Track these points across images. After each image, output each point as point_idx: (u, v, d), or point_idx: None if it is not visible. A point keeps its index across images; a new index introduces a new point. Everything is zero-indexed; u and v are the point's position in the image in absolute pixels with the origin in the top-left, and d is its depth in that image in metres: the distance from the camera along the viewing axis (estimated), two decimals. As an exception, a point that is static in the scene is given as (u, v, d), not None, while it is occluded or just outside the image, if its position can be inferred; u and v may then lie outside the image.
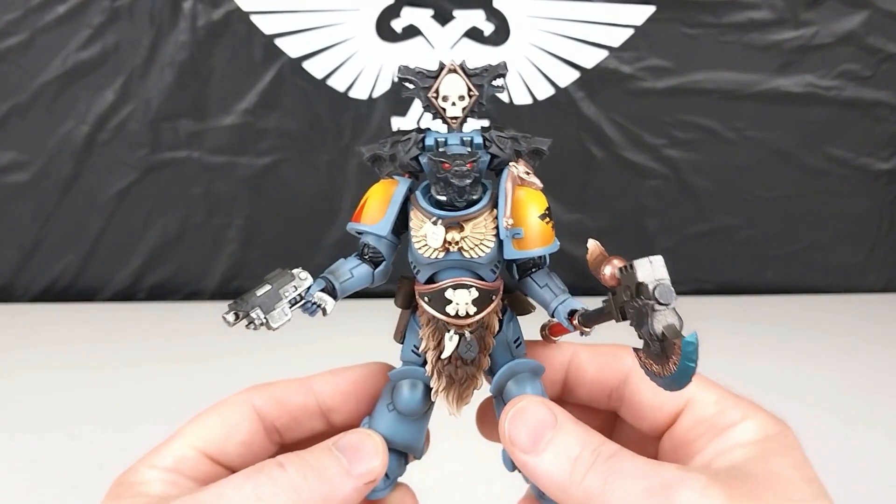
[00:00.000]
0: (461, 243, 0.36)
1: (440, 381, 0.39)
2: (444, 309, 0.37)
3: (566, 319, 0.38)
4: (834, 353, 1.05)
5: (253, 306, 0.34)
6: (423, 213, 0.37)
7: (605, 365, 0.40)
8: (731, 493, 0.30)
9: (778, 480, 0.31)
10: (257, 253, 1.24)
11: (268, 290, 0.35)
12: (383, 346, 0.43)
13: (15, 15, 1.11)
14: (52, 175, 1.18)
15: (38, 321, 1.15)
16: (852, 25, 1.15)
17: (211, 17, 1.12)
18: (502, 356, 0.39)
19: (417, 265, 0.38)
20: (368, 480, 0.35)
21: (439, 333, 0.38)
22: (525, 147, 0.38)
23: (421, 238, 0.37)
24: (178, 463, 0.36)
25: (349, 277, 0.38)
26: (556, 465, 0.33)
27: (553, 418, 0.34)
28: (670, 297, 0.31)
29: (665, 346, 0.31)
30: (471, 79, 0.38)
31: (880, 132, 1.21)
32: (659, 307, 0.31)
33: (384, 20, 1.12)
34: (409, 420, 0.39)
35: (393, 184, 0.39)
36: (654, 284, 0.32)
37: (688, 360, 0.31)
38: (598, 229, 1.19)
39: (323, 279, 0.38)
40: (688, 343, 0.31)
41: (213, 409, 0.39)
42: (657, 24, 1.13)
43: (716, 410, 0.36)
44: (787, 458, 0.33)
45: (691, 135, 1.20)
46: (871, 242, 1.27)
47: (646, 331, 0.32)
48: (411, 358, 0.40)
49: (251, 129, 1.17)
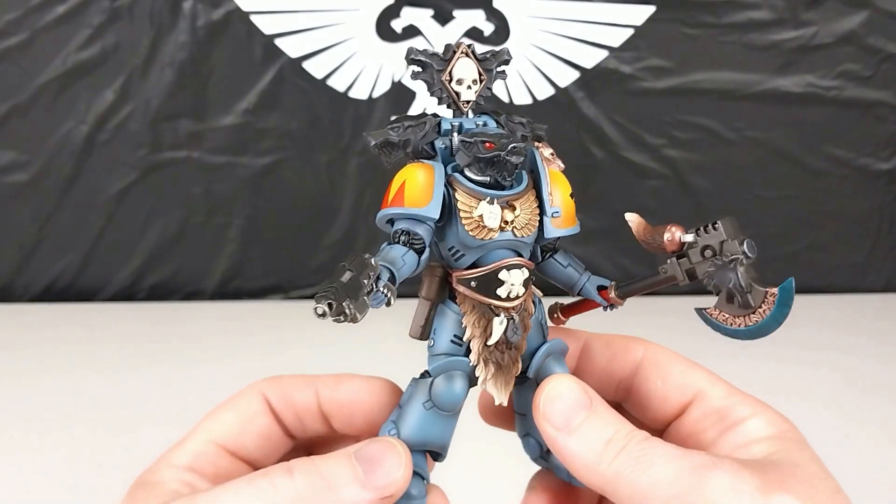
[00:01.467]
0: (514, 222, 0.36)
1: (488, 369, 0.37)
2: (496, 292, 0.37)
3: (597, 295, 0.39)
4: (834, 352, 1.05)
5: (343, 297, 0.31)
6: (472, 193, 0.36)
7: (616, 356, 0.40)
8: (763, 479, 0.30)
9: (803, 472, 0.32)
10: (257, 253, 1.24)
11: (351, 277, 0.32)
12: (383, 346, 0.43)
13: (15, 15, 1.11)
14: (52, 175, 1.18)
15: (38, 321, 1.15)
16: (852, 25, 1.15)
17: (211, 17, 1.12)
18: (535, 338, 0.39)
19: (463, 249, 0.37)
20: (386, 495, 0.33)
21: (485, 319, 0.37)
22: (530, 132, 0.38)
23: (475, 220, 0.36)
24: (196, 459, 0.36)
25: (403, 265, 0.36)
26: (587, 445, 0.33)
27: (589, 400, 0.35)
28: (755, 250, 0.34)
29: (754, 295, 0.34)
30: (480, 63, 0.38)
31: (880, 132, 1.21)
32: (747, 260, 0.34)
33: (384, 20, 1.12)
34: (445, 417, 0.38)
35: (426, 167, 0.37)
36: (742, 239, 0.34)
37: (784, 305, 0.34)
38: (598, 229, 1.19)
39: (385, 268, 0.35)
40: (785, 289, 0.33)
41: (229, 402, 0.38)
42: (657, 24, 1.13)
43: (725, 404, 0.37)
44: (805, 452, 0.33)
45: (691, 135, 1.20)
46: (871, 242, 1.27)
47: (734, 285, 0.34)
48: (450, 349, 0.38)
49: (251, 129, 1.17)
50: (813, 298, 1.24)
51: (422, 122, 0.37)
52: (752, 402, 0.36)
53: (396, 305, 0.38)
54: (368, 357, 0.42)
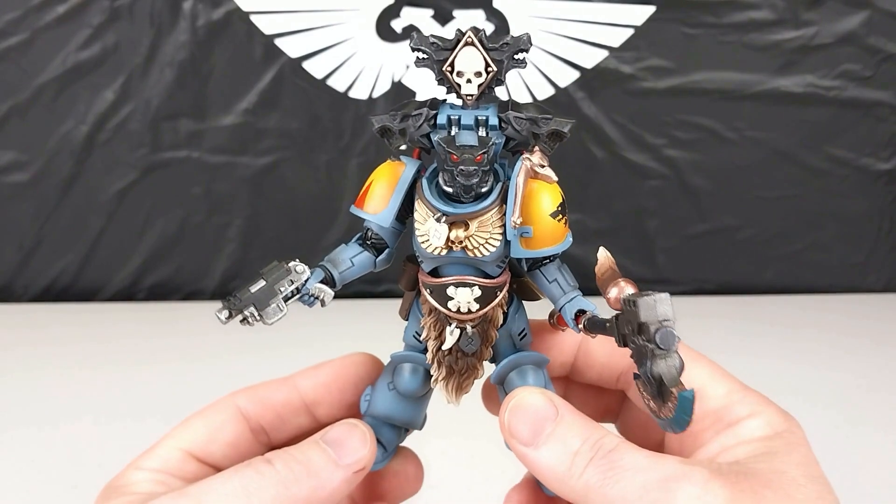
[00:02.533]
0: (465, 242, 0.35)
1: (440, 371, 0.38)
2: (446, 304, 0.36)
3: (572, 320, 0.37)
4: (834, 353, 1.05)
5: (246, 303, 0.34)
6: (427, 206, 0.35)
7: (615, 349, 0.40)
8: (733, 489, 0.30)
9: (781, 479, 0.31)
10: (257, 253, 1.24)
11: (262, 285, 0.35)
12: (382, 346, 0.43)
13: (15, 15, 1.11)
14: (52, 175, 1.18)
15: (38, 321, 1.15)
16: (852, 25, 1.15)
17: (211, 17, 1.12)
18: (506, 347, 0.39)
19: (421, 256, 0.37)
20: (357, 469, 0.35)
21: (440, 325, 0.37)
22: (543, 130, 0.35)
23: (424, 234, 0.35)
24: (164, 464, 0.37)
25: (349, 266, 0.37)
26: (555, 458, 0.33)
27: (554, 410, 0.34)
28: (672, 341, 0.30)
29: (662, 390, 0.31)
30: (489, 53, 0.35)
31: (880, 132, 1.21)
32: (659, 351, 0.31)
33: (384, 20, 1.12)
34: (409, 399, 0.40)
35: (399, 167, 0.36)
36: (655, 327, 0.31)
37: (683, 413, 0.30)
38: (598, 229, 1.19)
39: (321, 269, 0.36)
40: (684, 398, 0.30)
41: (199, 413, 0.40)
42: (657, 24, 1.13)
43: (724, 404, 0.36)
44: (793, 455, 0.33)
45: (691, 135, 1.20)
46: (871, 242, 1.27)
47: (644, 371, 0.32)
48: (413, 343, 0.40)
49: (251, 129, 1.17)
50: (813, 298, 1.24)
51: (418, 113, 0.36)
52: (753, 401, 0.36)
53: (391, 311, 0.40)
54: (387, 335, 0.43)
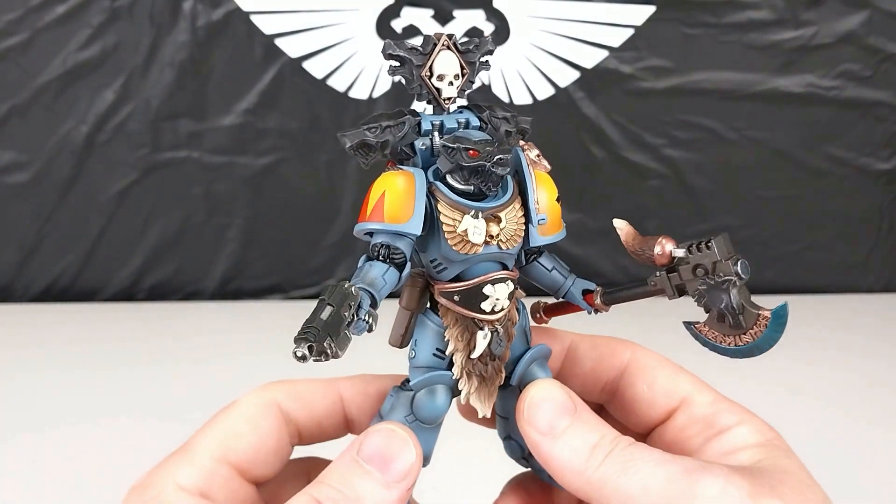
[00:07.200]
0: (500, 235, 0.34)
1: (471, 382, 0.36)
2: (480, 306, 0.35)
3: (581, 299, 0.37)
4: (833, 353, 1.05)
5: (323, 336, 0.29)
6: (456, 206, 0.34)
7: (602, 358, 0.40)
8: (753, 484, 0.30)
9: (791, 478, 0.32)
10: (257, 253, 1.24)
11: (331, 312, 0.30)
12: (383, 345, 0.43)
13: (15, 15, 1.11)
14: (52, 175, 1.18)
15: (38, 321, 1.15)
16: (852, 25, 1.15)
17: (211, 17, 1.12)
18: (519, 345, 0.38)
19: (446, 262, 0.35)
20: (409, 481, 0.33)
21: (468, 333, 0.36)
22: (514, 126, 0.36)
23: (459, 234, 0.33)
24: (208, 482, 0.33)
25: (384, 285, 0.34)
26: (573, 450, 0.33)
27: (573, 406, 0.34)
28: (748, 271, 0.33)
29: (746, 317, 0.33)
30: (463, 55, 0.35)
31: (880, 132, 1.21)
32: (740, 281, 0.33)
33: (384, 20, 1.12)
34: (427, 429, 0.37)
35: (406, 175, 0.35)
36: (735, 260, 0.33)
37: (775, 331, 0.33)
38: (598, 229, 1.19)
39: (366, 293, 0.32)
40: (779, 312, 0.33)
41: (240, 413, 0.36)
42: (657, 24, 1.13)
43: (711, 411, 0.36)
44: (792, 460, 0.33)
45: (691, 135, 1.20)
46: (871, 242, 1.27)
47: (726, 305, 0.33)
48: (432, 362, 0.36)
49: (251, 129, 1.17)
50: (813, 298, 1.24)
51: (400, 122, 0.35)
52: (739, 410, 0.36)
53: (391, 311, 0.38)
54: (367, 362, 0.41)
